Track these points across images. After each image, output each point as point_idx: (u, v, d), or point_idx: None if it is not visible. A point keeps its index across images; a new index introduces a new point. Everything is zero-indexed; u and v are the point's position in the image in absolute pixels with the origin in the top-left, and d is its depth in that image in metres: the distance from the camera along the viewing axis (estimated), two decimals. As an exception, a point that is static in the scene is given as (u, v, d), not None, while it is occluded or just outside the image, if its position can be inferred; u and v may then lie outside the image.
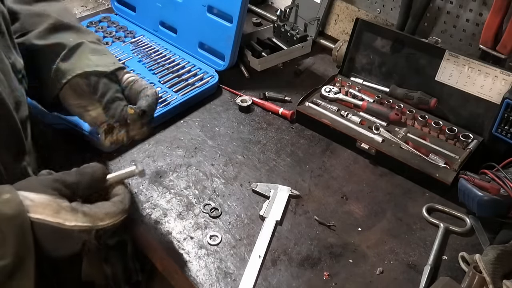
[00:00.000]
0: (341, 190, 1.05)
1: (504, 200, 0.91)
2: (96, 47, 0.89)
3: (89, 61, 0.85)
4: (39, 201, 0.59)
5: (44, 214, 0.59)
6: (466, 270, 0.87)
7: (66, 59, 0.85)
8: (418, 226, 0.98)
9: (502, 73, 1.07)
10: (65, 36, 0.87)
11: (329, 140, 1.19)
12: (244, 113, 1.28)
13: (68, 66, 0.84)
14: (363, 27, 1.29)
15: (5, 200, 0.57)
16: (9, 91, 0.72)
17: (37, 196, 0.60)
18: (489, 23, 1.08)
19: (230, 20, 1.32)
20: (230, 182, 1.06)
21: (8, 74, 0.73)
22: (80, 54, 0.86)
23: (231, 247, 0.92)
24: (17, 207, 0.57)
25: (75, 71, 0.83)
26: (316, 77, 1.43)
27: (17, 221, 0.57)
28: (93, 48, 0.88)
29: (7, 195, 0.58)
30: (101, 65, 0.86)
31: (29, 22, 0.87)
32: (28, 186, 0.61)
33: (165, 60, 1.41)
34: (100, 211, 0.64)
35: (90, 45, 0.88)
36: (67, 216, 0.60)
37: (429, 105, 1.19)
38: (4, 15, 0.76)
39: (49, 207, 0.59)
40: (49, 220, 0.59)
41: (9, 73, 0.73)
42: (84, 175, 0.66)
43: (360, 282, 0.87)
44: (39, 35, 0.85)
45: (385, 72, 1.29)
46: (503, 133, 1.03)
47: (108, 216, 0.64)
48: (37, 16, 0.87)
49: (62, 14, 0.90)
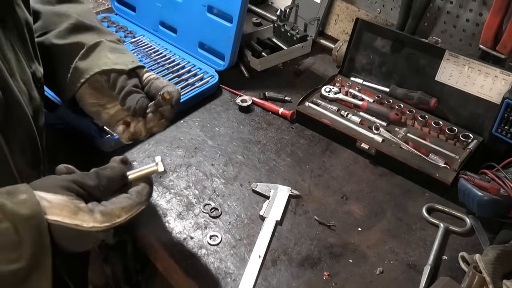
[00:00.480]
0: (341, 190, 1.05)
1: (504, 200, 0.91)
2: (115, 46, 0.88)
3: (107, 60, 0.84)
4: (56, 202, 0.58)
5: (61, 216, 0.58)
6: (466, 270, 0.87)
7: (84, 58, 0.84)
8: (418, 226, 0.98)
9: (502, 73, 1.07)
10: (85, 36, 0.87)
11: (329, 140, 1.19)
12: (244, 113, 1.28)
13: (86, 64, 0.84)
14: (363, 27, 1.29)
15: (22, 200, 0.56)
16: (29, 100, 0.72)
17: (54, 197, 0.58)
18: (489, 23, 1.08)
19: (230, 20, 1.32)
20: (230, 182, 1.06)
21: (29, 83, 0.73)
22: (98, 52, 0.85)
23: (231, 247, 0.92)
24: (34, 207, 0.56)
25: (93, 69, 0.83)
26: (316, 77, 1.43)
27: (34, 221, 0.55)
28: (112, 47, 0.87)
29: (23, 195, 0.57)
30: (120, 63, 0.85)
31: (50, 22, 0.87)
32: (45, 186, 0.60)
33: (165, 60, 1.41)
34: (116, 206, 0.62)
35: (109, 44, 0.88)
36: (85, 218, 0.59)
37: (429, 105, 1.19)
38: (28, 24, 0.76)
39: (67, 208, 0.58)
40: (66, 222, 0.58)
41: (29, 82, 0.73)
42: (102, 178, 0.64)
43: (360, 282, 0.87)
44: (59, 35, 0.85)
45: (385, 72, 1.29)
46: (503, 133, 1.03)
47: (124, 210, 0.62)
48: (58, 16, 0.88)
49: (83, 15, 0.90)
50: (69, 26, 0.86)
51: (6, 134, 0.67)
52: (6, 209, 0.54)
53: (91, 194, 0.62)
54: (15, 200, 0.56)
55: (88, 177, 0.63)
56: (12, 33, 0.71)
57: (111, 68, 0.83)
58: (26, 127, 0.71)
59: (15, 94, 0.68)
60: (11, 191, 0.57)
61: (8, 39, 0.69)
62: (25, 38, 0.74)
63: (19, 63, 0.71)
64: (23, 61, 0.72)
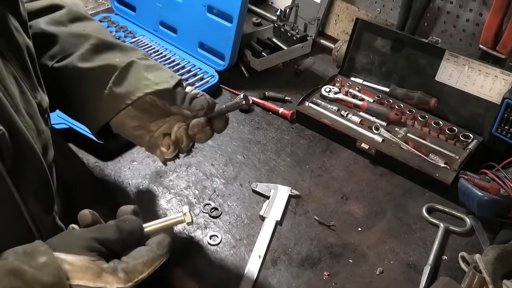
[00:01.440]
0: (341, 190, 1.05)
1: (504, 200, 0.91)
2: (148, 64, 0.81)
3: (147, 81, 0.77)
4: (78, 264, 0.54)
5: (84, 280, 0.54)
6: (466, 270, 0.87)
7: (120, 82, 0.77)
8: (418, 226, 0.98)
9: (502, 73, 1.07)
10: (110, 57, 0.80)
11: (329, 140, 1.19)
12: (244, 113, 1.28)
13: (124, 89, 0.77)
14: (363, 27, 1.29)
15: (42, 264, 0.52)
16: (37, 135, 0.66)
17: (76, 259, 0.54)
18: (489, 23, 1.08)
19: (230, 20, 1.32)
20: (230, 182, 1.06)
21: (35, 116, 0.67)
22: (135, 74, 0.78)
23: (231, 247, 0.92)
24: (56, 272, 0.52)
25: (135, 94, 0.76)
26: (316, 77, 1.43)
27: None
28: (146, 65, 0.80)
29: (43, 258, 0.52)
30: (161, 82, 0.78)
31: (69, 44, 0.80)
32: (65, 246, 0.56)
33: (165, 60, 1.41)
34: (138, 262, 0.59)
35: (142, 62, 0.80)
36: (108, 279, 0.56)
37: (429, 105, 1.19)
38: (29, 50, 0.69)
39: (90, 270, 0.54)
40: (90, 286, 0.54)
41: (36, 114, 0.67)
42: (123, 232, 0.60)
43: (360, 282, 0.87)
44: (82, 57, 0.79)
45: (385, 72, 1.29)
46: (503, 133, 1.03)
47: (147, 265, 0.59)
48: (76, 37, 0.81)
49: (101, 33, 0.84)
50: (91, 47, 0.80)
51: (17, 179, 0.60)
52: (26, 276, 0.50)
53: (111, 249, 0.59)
54: (34, 264, 0.52)
55: (109, 232, 0.59)
56: (13, 63, 0.64)
57: (155, 90, 0.76)
58: (37, 167, 0.65)
59: (22, 132, 0.61)
60: (28, 252, 0.53)
61: (9, 71, 0.63)
62: (27, 67, 0.68)
63: (23, 95, 0.65)
64: (27, 92, 0.66)
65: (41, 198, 0.66)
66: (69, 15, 0.84)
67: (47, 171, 0.67)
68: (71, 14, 0.85)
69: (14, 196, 0.60)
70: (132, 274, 0.58)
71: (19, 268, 0.51)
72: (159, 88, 0.77)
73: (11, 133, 0.59)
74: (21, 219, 0.63)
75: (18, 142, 0.60)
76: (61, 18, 0.83)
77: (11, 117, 0.59)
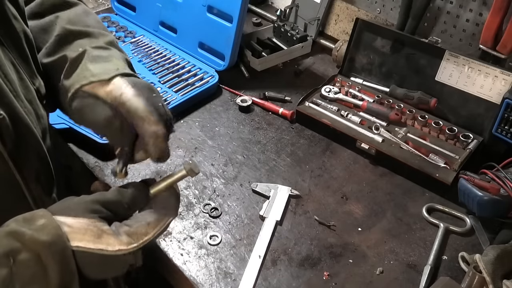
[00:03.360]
0: (341, 190, 1.05)
1: (504, 200, 0.91)
2: (99, 54, 0.73)
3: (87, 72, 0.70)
4: (77, 226, 0.54)
5: (84, 241, 0.54)
6: (466, 270, 0.87)
7: (69, 74, 0.71)
8: (418, 226, 0.98)
9: (502, 73, 1.07)
10: (71, 47, 0.74)
11: (329, 140, 1.19)
12: (244, 113, 1.28)
13: (69, 82, 0.71)
14: (363, 27, 1.29)
15: (40, 226, 0.52)
16: (36, 120, 0.66)
17: (75, 221, 0.54)
18: (489, 23, 1.08)
19: (230, 20, 1.32)
20: (230, 182, 1.06)
21: (34, 102, 0.67)
22: (81, 65, 0.71)
23: (231, 247, 0.92)
24: (54, 231, 0.52)
25: (74, 86, 0.69)
26: (316, 77, 1.43)
27: (57, 247, 0.51)
28: (95, 56, 0.72)
29: (41, 220, 0.53)
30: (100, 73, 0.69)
31: (38, 40, 0.76)
32: (64, 210, 0.56)
33: (165, 60, 1.41)
34: (141, 223, 0.58)
35: (93, 53, 0.72)
36: (109, 240, 0.55)
37: (429, 105, 1.19)
38: (27, 36, 0.68)
39: (89, 232, 0.54)
40: (90, 247, 0.54)
41: (35, 100, 0.67)
42: (125, 194, 0.59)
43: (360, 282, 0.87)
44: (46, 52, 0.75)
45: (385, 72, 1.29)
46: (503, 133, 1.03)
47: (151, 226, 0.58)
48: (44, 31, 0.77)
49: (74, 20, 0.78)
50: (55, 39, 0.75)
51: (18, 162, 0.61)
52: (25, 237, 0.51)
53: (115, 213, 0.58)
54: (33, 227, 0.52)
55: (109, 194, 0.59)
56: (12, 50, 0.64)
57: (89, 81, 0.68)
58: (37, 150, 0.66)
59: (22, 117, 0.62)
60: (28, 218, 0.53)
61: (8, 57, 0.63)
62: (25, 53, 0.67)
63: (22, 81, 0.65)
64: (26, 78, 0.66)
65: (42, 181, 0.67)
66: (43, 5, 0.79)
67: (47, 155, 0.68)
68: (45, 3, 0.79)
69: (16, 179, 0.62)
70: (135, 236, 0.57)
71: (17, 230, 0.51)
72: (94, 79, 0.68)
73: (12, 118, 0.60)
74: (23, 201, 0.64)
75: (18, 127, 0.61)
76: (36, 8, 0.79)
77: (11, 102, 0.60)
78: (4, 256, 0.49)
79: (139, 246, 0.57)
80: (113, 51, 0.76)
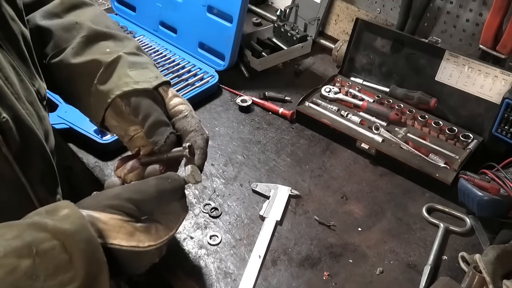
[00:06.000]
0: (341, 190, 1.05)
1: (504, 200, 0.91)
2: (135, 60, 0.76)
3: (128, 79, 0.73)
4: (112, 223, 0.54)
5: (118, 239, 0.54)
6: (466, 270, 0.87)
7: (104, 80, 0.74)
8: (418, 226, 0.98)
9: (502, 73, 1.07)
10: (100, 49, 0.77)
11: (329, 140, 1.19)
12: (244, 113, 1.28)
13: (106, 87, 0.73)
14: (363, 27, 1.29)
15: (64, 216, 0.52)
16: (38, 121, 0.67)
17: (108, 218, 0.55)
18: (489, 23, 1.08)
19: (230, 20, 1.32)
20: (230, 182, 1.06)
21: (35, 103, 0.67)
22: (118, 71, 0.74)
23: (231, 247, 0.92)
24: (78, 221, 0.52)
25: (114, 92, 0.72)
26: (316, 77, 1.43)
27: (81, 235, 0.51)
28: (131, 62, 0.75)
29: (65, 211, 0.52)
30: (142, 81, 0.73)
31: (62, 39, 0.78)
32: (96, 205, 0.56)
33: (165, 60, 1.41)
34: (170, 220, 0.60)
35: (128, 58, 0.76)
36: (140, 237, 0.56)
37: (429, 105, 1.19)
38: (25, 37, 0.68)
39: (124, 230, 0.55)
40: (123, 245, 0.55)
41: (36, 101, 0.68)
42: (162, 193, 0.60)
43: (360, 282, 0.87)
44: (73, 52, 0.76)
45: (385, 72, 1.29)
46: (503, 133, 1.03)
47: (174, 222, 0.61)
48: (68, 30, 0.78)
49: (96, 21, 0.80)
50: (82, 39, 0.77)
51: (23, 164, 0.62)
52: (47, 227, 0.50)
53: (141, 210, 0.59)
54: (56, 217, 0.51)
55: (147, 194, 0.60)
56: (11, 52, 0.65)
57: (133, 89, 0.72)
58: (41, 152, 0.66)
59: (25, 119, 0.62)
60: (50, 209, 0.53)
61: (7, 60, 0.63)
62: (24, 55, 0.68)
63: (22, 83, 0.65)
64: (25, 80, 0.66)
65: (47, 182, 0.68)
66: (64, 4, 0.82)
67: (50, 156, 0.69)
68: (66, 3, 0.82)
69: (22, 181, 0.62)
70: (162, 232, 0.59)
71: (39, 221, 0.51)
72: (139, 87, 0.72)
73: (15, 120, 0.60)
74: (29, 203, 0.65)
75: (22, 129, 0.62)
76: (55, 9, 0.81)
77: (14, 105, 0.61)
78: (26, 246, 0.48)
79: (166, 241, 0.60)
80: (145, 58, 0.80)
